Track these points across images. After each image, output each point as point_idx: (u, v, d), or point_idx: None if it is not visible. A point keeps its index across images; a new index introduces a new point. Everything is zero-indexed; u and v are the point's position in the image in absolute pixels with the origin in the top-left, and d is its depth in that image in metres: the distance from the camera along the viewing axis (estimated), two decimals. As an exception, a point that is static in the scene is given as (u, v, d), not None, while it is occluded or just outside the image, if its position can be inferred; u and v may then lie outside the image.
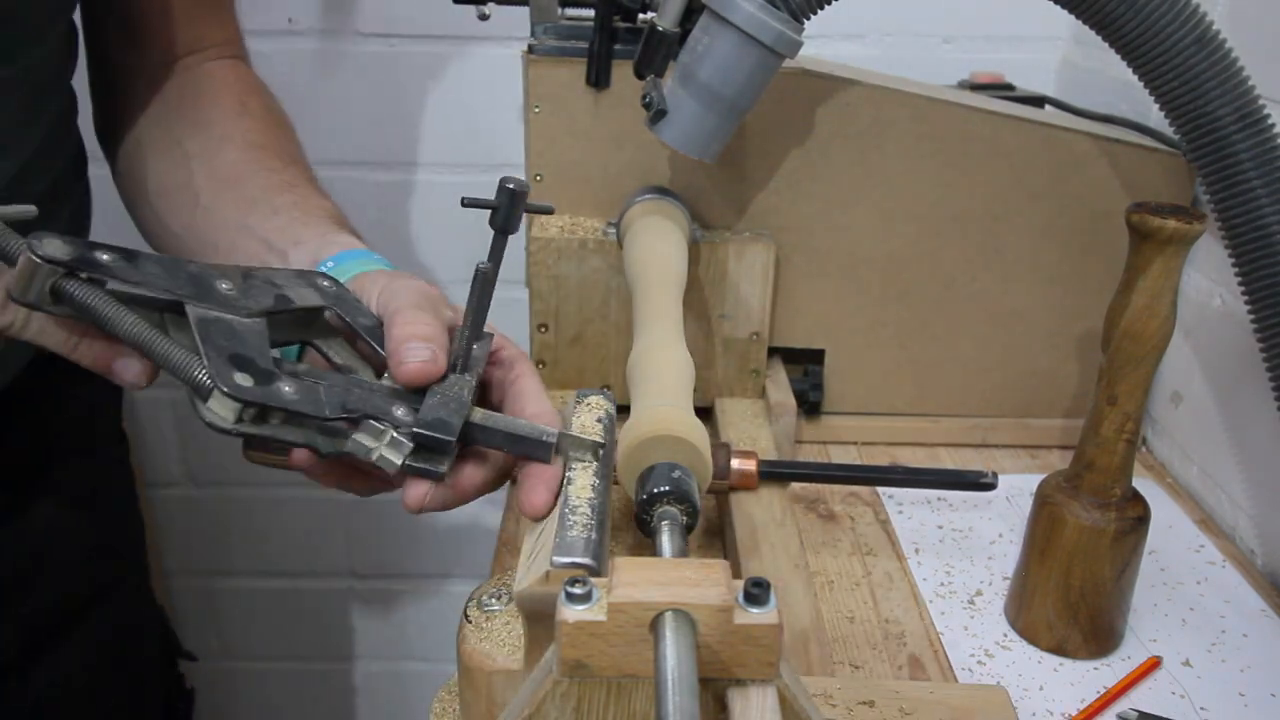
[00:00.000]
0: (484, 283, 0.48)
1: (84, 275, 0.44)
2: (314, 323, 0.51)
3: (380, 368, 0.51)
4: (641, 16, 0.79)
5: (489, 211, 0.47)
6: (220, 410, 0.44)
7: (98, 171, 0.77)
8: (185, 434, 1.33)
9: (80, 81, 0.73)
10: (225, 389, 0.43)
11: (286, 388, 0.44)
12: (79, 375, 0.77)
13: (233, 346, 0.44)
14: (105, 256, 0.44)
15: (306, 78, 1.13)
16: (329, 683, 1.52)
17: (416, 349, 0.47)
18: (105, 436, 0.84)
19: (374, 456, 0.46)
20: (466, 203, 0.48)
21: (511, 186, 0.46)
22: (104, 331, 0.45)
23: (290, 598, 1.45)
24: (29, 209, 0.47)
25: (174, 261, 0.47)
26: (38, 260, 0.43)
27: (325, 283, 0.52)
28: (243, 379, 0.43)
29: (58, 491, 0.75)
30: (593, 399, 0.55)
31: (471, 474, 0.49)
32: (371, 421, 0.46)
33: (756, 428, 0.81)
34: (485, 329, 0.51)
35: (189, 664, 1.01)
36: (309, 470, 0.50)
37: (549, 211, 0.51)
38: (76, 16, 0.70)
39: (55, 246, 0.43)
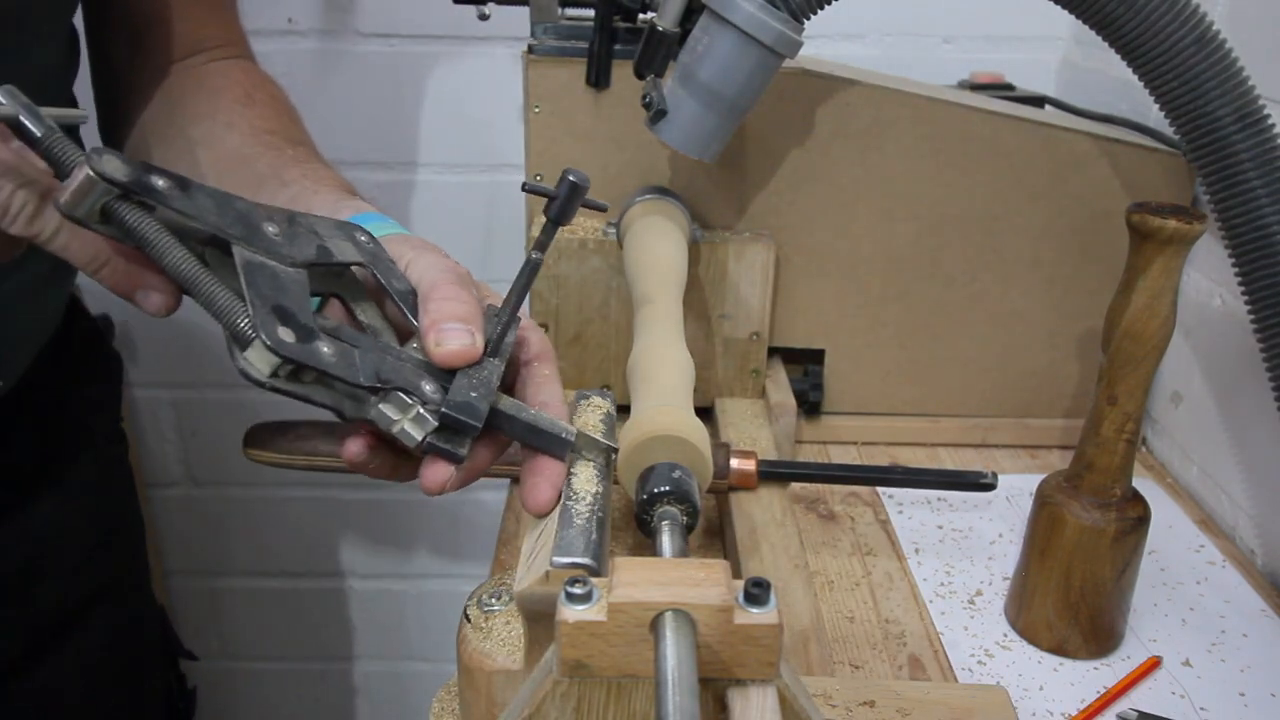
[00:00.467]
0: (532, 270, 0.48)
1: (137, 199, 0.43)
2: (343, 276, 0.51)
3: (405, 334, 0.50)
4: (641, 16, 0.79)
5: (485, 213, 0.47)
6: (258, 362, 0.43)
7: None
8: (185, 434, 1.33)
9: (81, 88, 0.73)
10: (268, 342, 0.42)
11: (326, 348, 0.44)
12: (79, 376, 0.78)
13: (277, 297, 0.44)
14: (160, 182, 0.43)
15: (306, 78, 1.13)
16: (329, 683, 1.52)
17: (456, 331, 0.47)
18: (104, 436, 0.84)
19: (395, 429, 0.46)
20: (527, 188, 0.48)
21: (573, 179, 0.46)
22: (142, 256, 0.44)
23: (290, 597, 1.45)
24: (81, 113, 0.46)
25: (225, 196, 0.46)
26: (95, 177, 0.42)
27: (363, 238, 0.51)
28: (285, 334, 0.43)
29: (59, 491, 0.75)
30: (593, 399, 0.55)
31: (483, 454, 0.49)
32: (400, 394, 0.46)
33: (756, 428, 0.81)
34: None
35: (189, 663, 1.01)
36: (359, 466, 0.49)
37: (603, 209, 0.51)
38: (78, 20, 0.70)
39: (114, 165, 0.42)
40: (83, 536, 0.78)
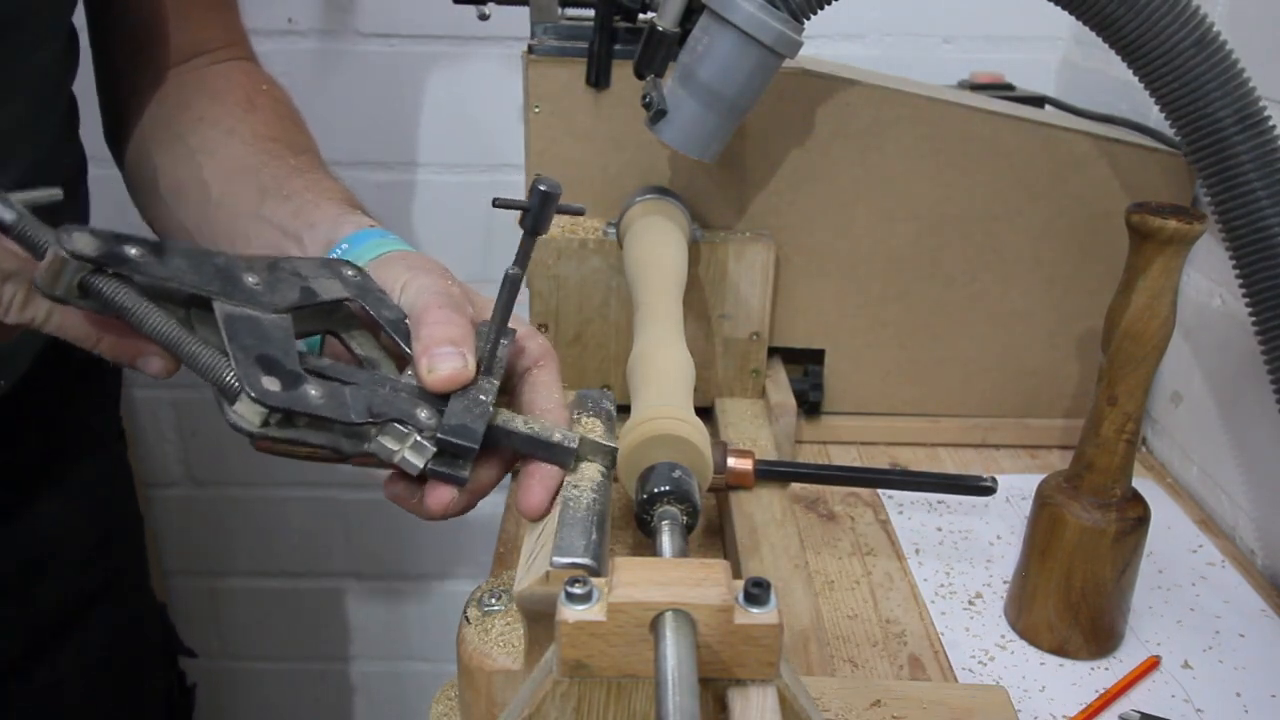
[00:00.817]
0: (512, 286, 0.48)
1: (111, 271, 0.44)
2: (337, 312, 0.51)
3: (403, 362, 0.50)
4: (641, 16, 0.79)
5: (485, 213, 0.47)
6: (247, 414, 0.43)
7: (98, 172, 0.77)
8: (185, 434, 1.33)
9: (81, 89, 0.73)
10: (253, 394, 0.42)
11: (313, 391, 0.44)
12: (81, 376, 0.78)
13: (260, 347, 0.44)
14: (133, 250, 0.44)
15: (306, 78, 1.13)
16: (329, 682, 1.52)
17: (447, 355, 0.47)
18: (106, 435, 0.84)
19: (396, 459, 0.46)
20: (498, 203, 0.48)
21: (544, 188, 0.45)
22: (131, 328, 0.45)
23: (290, 597, 1.45)
24: (54, 192, 0.46)
25: (201, 253, 0.47)
26: (66, 256, 0.42)
27: (350, 272, 0.51)
28: (270, 383, 0.43)
29: (61, 490, 0.75)
30: (593, 399, 0.55)
31: (487, 472, 0.49)
32: (395, 424, 0.46)
33: (756, 428, 0.81)
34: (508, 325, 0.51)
35: (188, 661, 1.01)
36: (401, 502, 0.49)
37: (580, 213, 0.50)
38: (78, 21, 0.70)
39: (84, 241, 0.43)
40: (84, 535, 0.78)
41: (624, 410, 0.58)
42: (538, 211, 0.46)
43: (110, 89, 0.74)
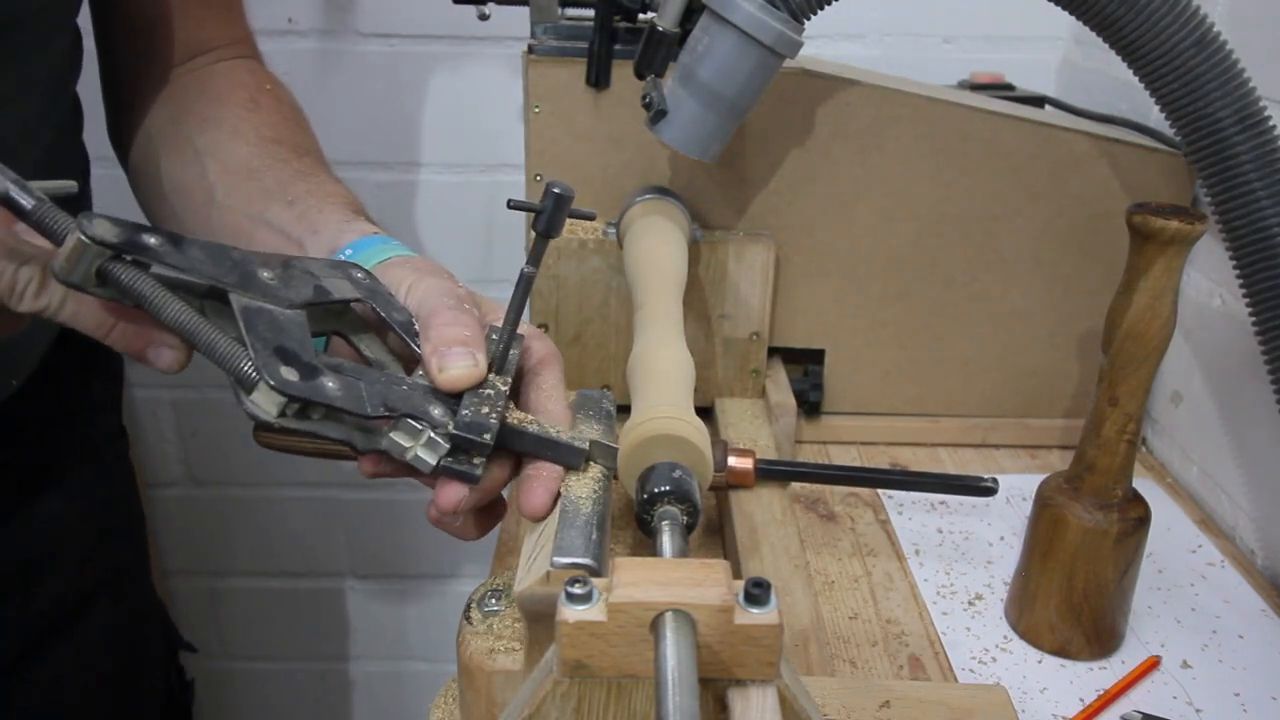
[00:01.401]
0: (526, 284, 0.48)
1: (130, 258, 0.44)
2: (345, 314, 0.51)
3: (410, 364, 0.50)
4: (641, 16, 0.79)
5: (485, 213, 0.47)
6: (264, 404, 0.43)
7: (100, 172, 0.77)
8: (185, 434, 1.33)
9: (86, 90, 0.73)
10: (272, 383, 0.42)
11: (330, 383, 0.44)
12: (83, 375, 0.78)
13: (277, 339, 0.44)
14: (152, 240, 0.44)
15: (306, 78, 1.13)
16: (329, 682, 1.52)
17: (458, 354, 0.47)
18: (107, 433, 0.84)
19: (409, 456, 0.46)
20: (512, 204, 0.48)
21: (557, 191, 0.46)
22: (148, 316, 0.45)
23: (290, 597, 1.45)
24: (70, 184, 0.46)
25: (218, 247, 0.47)
26: (87, 241, 0.42)
27: (359, 274, 0.52)
28: (289, 373, 0.43)
29: (62, 488, 0.75)
30: (593, 399, 0.55)
31: (497, 473, 0.49)
32: (409, 420, 0.46)
33: (756, 428, 0.81)
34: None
35: (188, 658, 1.01)
36: (441, 524, 0.49)
37: (591, 218, 0.51)
38: (82, 21, 0.70)
39: (104, 228, 0.43)
40: (85, 533, 0.78)
41: (624, 410, 0.58)
42: (550, 214, 0.46)
43: (114, 88, 0.74)
